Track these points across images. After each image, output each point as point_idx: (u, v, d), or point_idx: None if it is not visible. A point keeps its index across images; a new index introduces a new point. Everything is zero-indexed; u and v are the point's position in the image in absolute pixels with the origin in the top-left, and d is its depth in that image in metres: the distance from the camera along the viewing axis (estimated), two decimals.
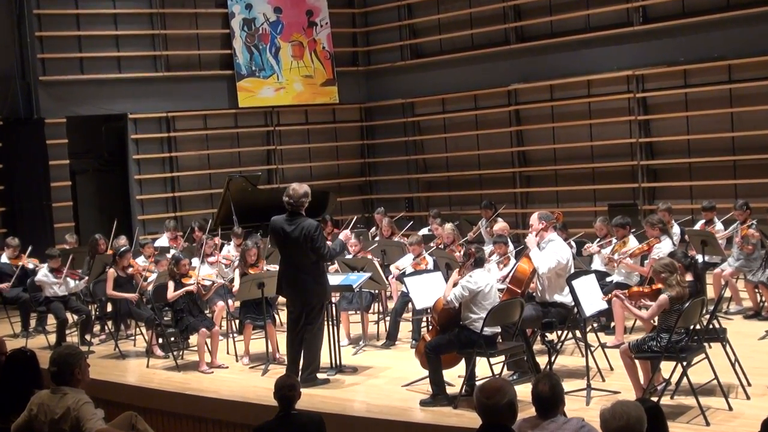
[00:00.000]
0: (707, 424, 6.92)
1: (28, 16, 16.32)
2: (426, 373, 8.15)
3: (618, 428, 4.43)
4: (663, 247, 9.97)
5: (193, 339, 10.22)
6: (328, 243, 8.93)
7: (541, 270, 8.21)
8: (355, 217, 15.81)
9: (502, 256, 10.17)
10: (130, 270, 10.86)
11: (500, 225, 12.23)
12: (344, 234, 9.17)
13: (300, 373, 8.64)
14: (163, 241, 13.71)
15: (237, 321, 10.83)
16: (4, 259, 12.64)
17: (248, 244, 10.36)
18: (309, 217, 8.85)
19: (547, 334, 8.59)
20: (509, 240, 11.20)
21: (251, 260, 10.23)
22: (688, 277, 7.61)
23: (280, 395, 6.08)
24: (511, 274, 8.59)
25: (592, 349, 8.46)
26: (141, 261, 11.61)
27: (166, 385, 9.28)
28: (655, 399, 6.91)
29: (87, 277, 11.58)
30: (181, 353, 10.38)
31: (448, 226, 11.86)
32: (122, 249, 11.03)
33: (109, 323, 11.42)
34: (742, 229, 10.91)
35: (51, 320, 11.92)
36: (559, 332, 8.84)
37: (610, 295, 7.92)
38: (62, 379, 5.47)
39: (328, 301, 9.17)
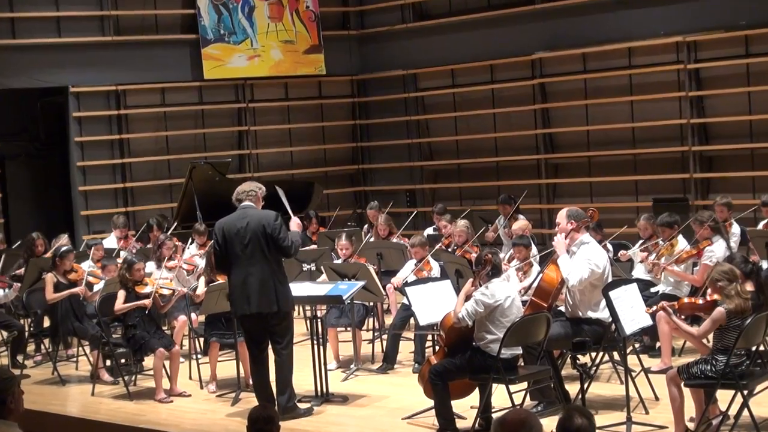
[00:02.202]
0: None
1: None
2: (431, 403, 8.16)
3: None
4: (716, 250, 9.99)
5: (149, 361, 10.21)
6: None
7: (570, 281, 8.20)
8: (335, 214, 15.90)
9: (523, 262, 10.19)
10: (72, 275, 10.86)
11: (520, 223, 12.23)
12: (295, 222, 9.11)
13: (277, 402, 8.64)
14: (110, 241, 13.72)
15: (201, 339, 10.83)
16: None
17: None
18: (291, 213, 8.86)
19: (578, 356, 8.59)
20: (532, 242, 11.21)
21: None
22: (749, 287, 7.61)
23: (255, 429, 6.07)
24: (535, 284, 8.59)
25: (634, 374, 8.46)
26: (87, 266, 11.59)
27: (116, 417, 9.28)
28: None
29: (18, 285, 11.55)
30: (133, 378, 10.37)
31: (462, 222, 11.87)
32: (63, 249, 11.02)
33: (46, 341, 11.39)
34: None
35: None
36: (594, 354, 8.85)
37: (655, 308, 7.93)
38: None
39: (312, 315, 9.17)
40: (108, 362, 10.56)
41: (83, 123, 17.38)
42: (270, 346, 8.82)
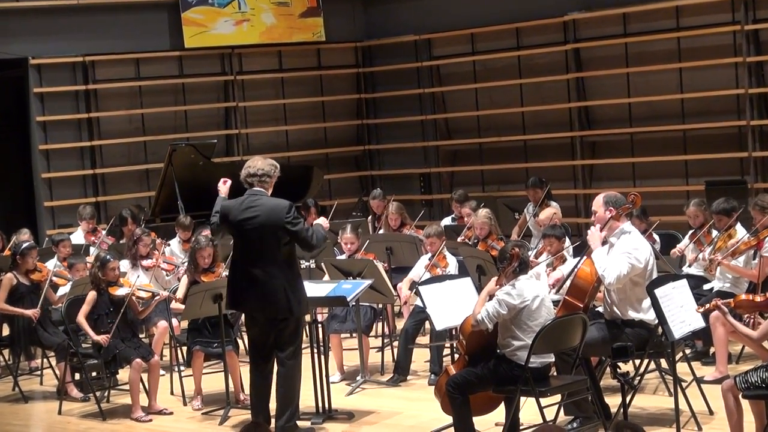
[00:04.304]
0: None
1: None
2: (450, 419, 8.19)
3: None
4: None
5: (124, 374, 10.25)
6: None
7: (607, 278, 8.19)
8: (336, 203, 15.89)
9: (555, 256, 10.20)
10: (36, 275, 10.89)
11: (548, 212, 12.24)
12: (323, 220, 9.14)
13: (275, 420, 8.68)
14: (77, 236, 13.76)
15: (184, 348, 10.87)
16: None
17: (200, 241, 10.37)
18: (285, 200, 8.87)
19: (620, 364, 8.61)
20: (566, 232, 11.21)
21: (204, 263, 10.26)
22: None
23: None
24: (569, 282, 8.61)
25: (684, 385, 8.48)
26: (52, 265, 11.60)
27: None
28: None
29: None
30: (106, 394, 10.42)
31: (483, 212, 11.87)
32: (24, 246, 11.04)
33: (6, 352, 11.44)
34: None
35: None
36: (637, 361, 8.87)
37: (707, 306, 7.93)
38: None
39: (312, 319, 9.20)
40: (77, 376, 10.59)
41: (46, 100, 17.41)
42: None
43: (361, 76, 19.63)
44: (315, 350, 9.37)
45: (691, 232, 10.89)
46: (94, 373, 10.38)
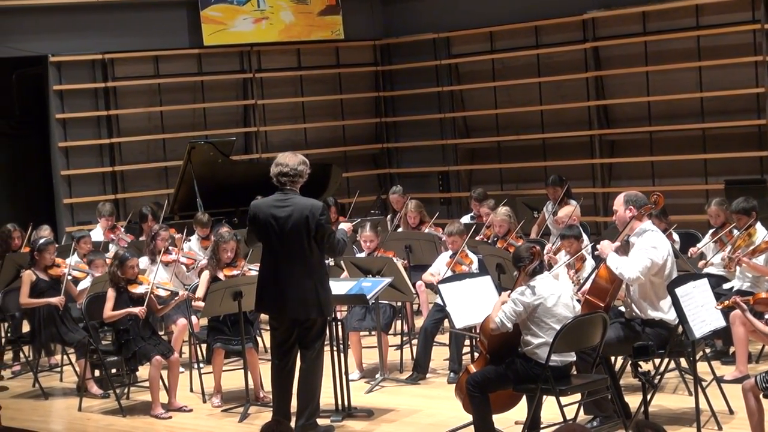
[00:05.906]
0: None
1: None
2: (470, 418, 8.19)
3: None
4: None
5: (144, 371, 10.28)
6: None
7: (627, 275, 8.18)
8: (354, 200, 15.90)
9: (575, 256, 10.19)
10: (54, 270, 10.90)
11: (566, 210, 12.20)
12: (347, 226, 9.19)
13: (295, 419, 8.69)
14: (96, 233, 13.79)
15: (204, 345, 10.89)
16: None
17: (224, 236, 10.36)
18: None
19: (640, 363, 8.60)
20: (585, 230, 11.18)
21: (227, 258, 10.25)
22: None
23: None
24: (590, 281, 8.60)
25: (704, 384, 8.46)
26: (72, 262, 11.61)
27: None
28: None
29: None
30: (126, 391, 10.45)
31: (503, 210, 11.86)
32: (42, 241, 11.05)
33: (26, 349, 11.48)
34: None
35: None
36: (658, 361, 8.86)
37: (726, 303, 7.90)
38: None
39: (331, 318, 9.22)
40: (97, 372, 10.62)
41: (65, 97, 17.45)
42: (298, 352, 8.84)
43: (380, 74, 19.63)
44: (334, 348, 9.38)
45: (711, 231, 10.86)
46: (113, 370, 10.40)
